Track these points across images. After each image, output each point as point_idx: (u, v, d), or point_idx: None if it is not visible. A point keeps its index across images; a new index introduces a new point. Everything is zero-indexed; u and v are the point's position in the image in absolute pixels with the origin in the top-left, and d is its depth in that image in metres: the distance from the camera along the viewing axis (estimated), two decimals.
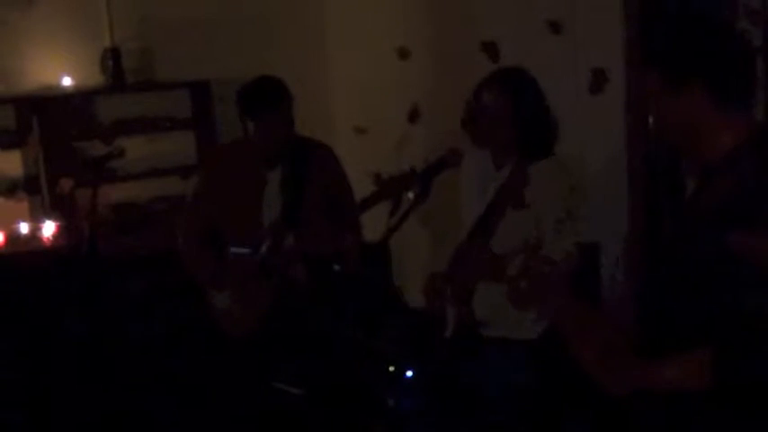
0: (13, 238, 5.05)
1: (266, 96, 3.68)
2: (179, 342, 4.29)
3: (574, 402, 3.23)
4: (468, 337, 3.40)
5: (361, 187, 5.93)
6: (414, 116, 5.73)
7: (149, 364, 4.58)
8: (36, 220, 5.11)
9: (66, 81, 5.24)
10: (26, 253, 4.95)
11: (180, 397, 4.29)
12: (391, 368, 4.34)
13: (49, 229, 5.02)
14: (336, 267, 3.93)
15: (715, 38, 2.15)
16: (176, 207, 4.26)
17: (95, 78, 5.34)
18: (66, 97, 5.21)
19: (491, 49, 5.13)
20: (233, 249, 3.74)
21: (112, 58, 5.28)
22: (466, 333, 3.41)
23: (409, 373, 4.29)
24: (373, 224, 4.47)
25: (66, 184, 4.98)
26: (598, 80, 4.71)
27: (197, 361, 4.15)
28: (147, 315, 4.59)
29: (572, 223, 3.24)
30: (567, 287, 2.96)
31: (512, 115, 3.29)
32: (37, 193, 5.17)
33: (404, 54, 5.71)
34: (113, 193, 5.25)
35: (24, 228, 5.08)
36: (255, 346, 3.77)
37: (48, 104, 5.13)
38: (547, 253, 3.10)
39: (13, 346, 4.53)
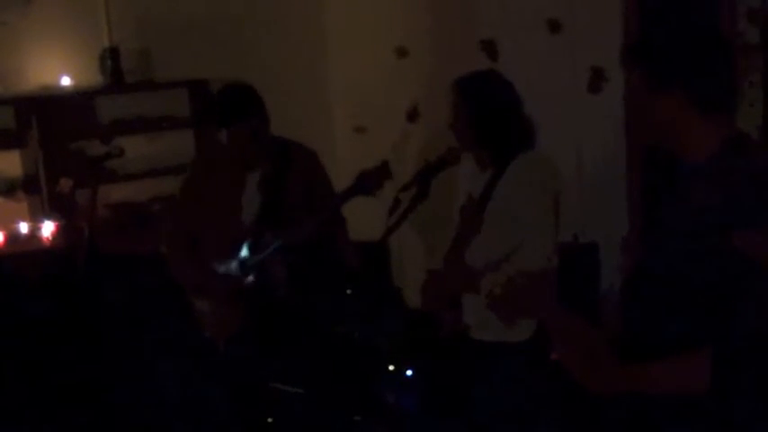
0: (13, 237, 5.05)
1: (231, 107, 3.68)
2: (176, 342, 4.28)
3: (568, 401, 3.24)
4: (460, 340, 3.40)
5: None
6: (413, 115, 5.73)
7: (148, 363, 4.58)
8: (35, 220, 5.11)
9: (66, 81, 5.25)
10: (26, 253, 4.95)
11: (177, 396, 4.29)
12: (391, 367, 4.34)
13: (48, 228, 5.02)
14: (348, 291, 3.94)
15: (699, 46, 2.18)
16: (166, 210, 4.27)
17: (94, 78, 5.34)
18: (65, 97, 5.21)
19: (490, 48, 5.13)
20: (218, 266, 3.75)
21: (111, 58, 5.28)
22: (457, 336, 3.41)
23: (409, 372, 4.29)
24: (372, 224, 4.47)
25: (65, 183, 4.96)
26: (597, 79, 4.71)
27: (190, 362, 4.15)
28: (145, 315, 4.58)
29: (550, 219, 3.26)
30: (552, 292, 3.01)
31: (463, 116, 3.30)
32: (36, 193, 5.17)
33: (402, 53, 5.71)
34: (112, 193, 5.25)
35: (24, 228, 5.08)
36: (238, 346, 3.79)
37: (47, 104, 5.13)
38: (526, 255, 3.13)
39: (13, 345, 4.52)
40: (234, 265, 3.70)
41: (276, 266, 3.69)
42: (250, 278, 3.69)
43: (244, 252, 3.69)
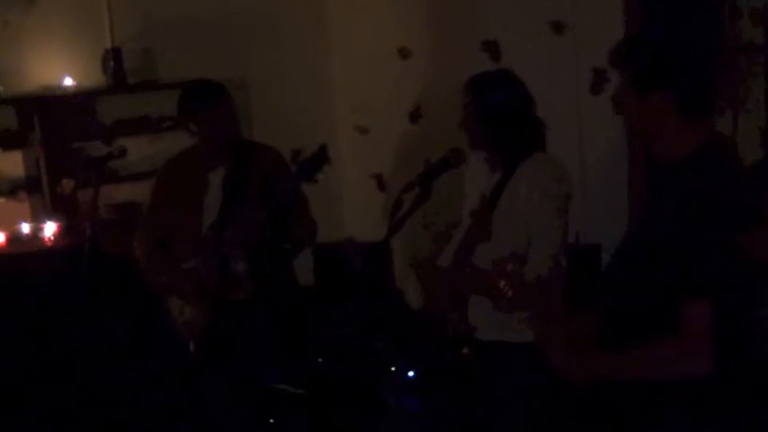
0: (15, 238, 5.04)
1: (201, 94, 3.81)
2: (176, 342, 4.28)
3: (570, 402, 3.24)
4: (465, 341, 3.40)
5: (362, 186, 5.98)
6: (415, 116, 5.73)
7: (148, 364, 4.58)
8: (37, 221, 5.10)
9: (68, 81, 5.24)
10: (27, 253, 4.94)
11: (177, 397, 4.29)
12: (393, 368, 4.34)
13: (50, 229, 5.02)
14: (287, 246, 3.96)
15: (686, 50, 2.24)
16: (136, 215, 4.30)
17: (96, 78, 5.33)
18: (67, 97, 5.20)
19: (492, 49, 5.13)
20: (185, 266, 3.77)
21: (113, 59, 5.28)
22: (463, 337, 3.41)
23: (411, 374, 4.29)
24: (374, 225, 4.47)
25: (67, 184, 4.97)
26: (599, 80, 4.71)
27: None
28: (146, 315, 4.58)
29: (559, 221, 3.26)
30: (559, 292, 3.02)
31: (477, 116, 3.30)
32: (38, 193, 5.16)
33: (405, 54, 5.71)
34: (114, 193, 5.24)
35: (26, 228, 5.07)
36: (207, 346, 3.82)
37: (49, 105, 5.12)
38: (534, 257, 3.13)
39: (14, 346, 4.52)
40: (200, 263, 3.74)
41: (239, 263, 3.72)
42: (214, 275, 3.72)
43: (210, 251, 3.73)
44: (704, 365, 2.12)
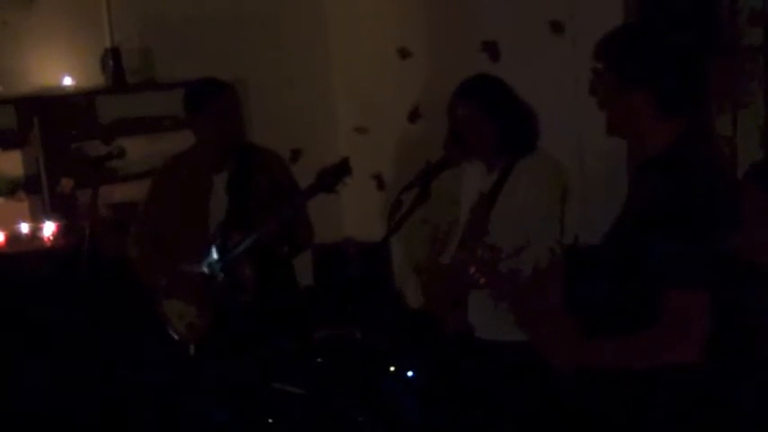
0: (14, 237, 5.04)
1: (208, 87, 3.77)
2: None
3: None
4: (464, 340, 3.41)
5: (362, 186, 5.98)
6: (414, 116, 5.73)
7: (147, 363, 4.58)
8: (36, 220, 5.10)
9: (67, 81, 5.24)
10: (26, 253, 4.94)
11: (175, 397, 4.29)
12: (392, 368, 4.34)
13: (49, 229, 5.02)
14: (285, 249, 3.96)
15: (668, 49, 2.26)
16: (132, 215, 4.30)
17: (96, 78, 5.34)
18: (66, 97, 5.20)
19: (492, 49, 5.13)
20: (186, 268, 3.76)
21: (113, 58, 5.28)
22: (462, 336, 3.41)
23: (410, 373, 4.29)
24: (373, 225, 4.47)
25: (66, 184, 4.97)
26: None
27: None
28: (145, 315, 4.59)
29: (556, 218, 3.27)
30: (558, 283, 3.03)
31: (488, 121, 3.29)
32: (37, 192, 5.17)
33: (404, 54, 5.71)
34: (114, 193, 5.25)
35: (25, 228, 5.08)
36: (208, 349, 3.81)
37: (48, 105, 5.13)
38: (531, 253, 3.14)
39: (12, 345, 4.52)
40: (203, 266, 3.72)
41: (244, 267, 3.71)
42: (219, 277, 3.70)
43: (213, 254, 3.71)
44: (692, 354, 2.12)
